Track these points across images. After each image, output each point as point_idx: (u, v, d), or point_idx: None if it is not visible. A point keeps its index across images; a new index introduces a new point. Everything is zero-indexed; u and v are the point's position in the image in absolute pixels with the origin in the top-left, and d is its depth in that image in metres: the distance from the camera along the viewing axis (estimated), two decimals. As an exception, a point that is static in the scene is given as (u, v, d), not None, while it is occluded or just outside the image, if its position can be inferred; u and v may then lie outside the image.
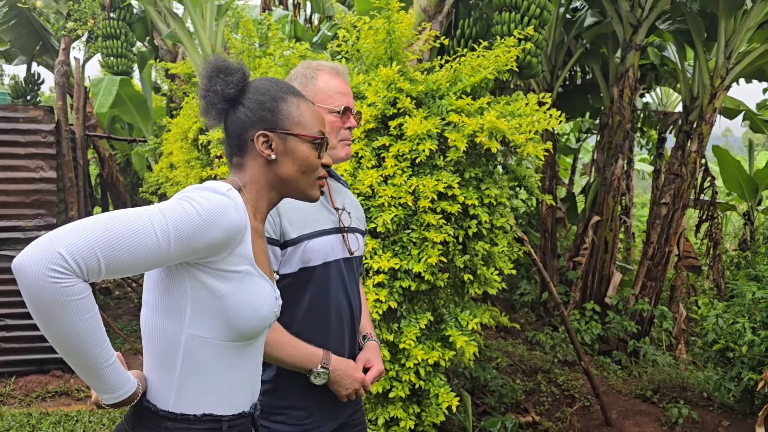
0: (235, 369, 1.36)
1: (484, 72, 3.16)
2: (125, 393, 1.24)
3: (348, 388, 1.78)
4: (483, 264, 3.03)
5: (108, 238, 1.11)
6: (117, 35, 7.39)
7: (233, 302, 1.29)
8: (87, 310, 1.11)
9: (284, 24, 6.63)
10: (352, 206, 2.00)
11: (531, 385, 4.81)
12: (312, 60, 1.92)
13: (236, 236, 1.27)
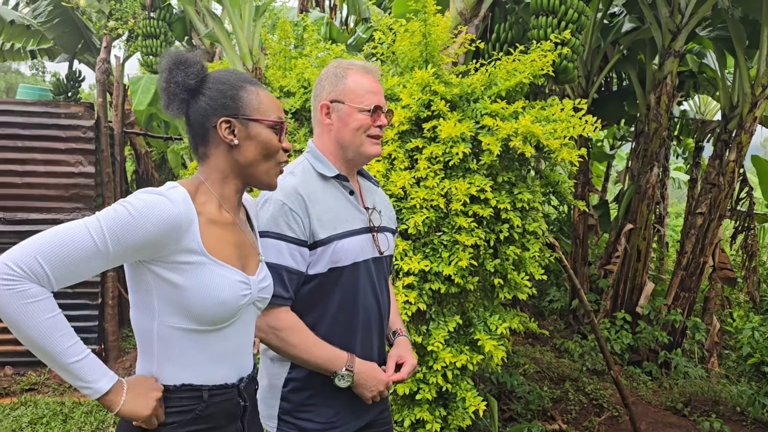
0: (211, 350, 1.44)
1: (520, 76, 3.15)
2: (101, 388, 1.30)
3: (372, 390, 1.78)
4: (514, 269, 3.01)
5: (48, 245, 1.23)
6: (156, 34, 7.54)
7: (190, 292, 1.36)
8: (46, 311, 1.23)
9: (320, 26, 6.69)
10: (383, 205, 2.00)
11: (558, 393, 4.76)
12: (343, 59, 1.92)
13: (174, 229, 1.33)
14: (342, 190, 1.85)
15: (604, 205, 8.22)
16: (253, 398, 1.60)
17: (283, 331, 1.70)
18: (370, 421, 1.92)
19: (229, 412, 1.50)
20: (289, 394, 1.80)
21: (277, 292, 1.67)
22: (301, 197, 1.73)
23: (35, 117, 5.03)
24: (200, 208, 1.43)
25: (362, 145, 1.82)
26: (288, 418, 1.81)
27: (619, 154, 11.69)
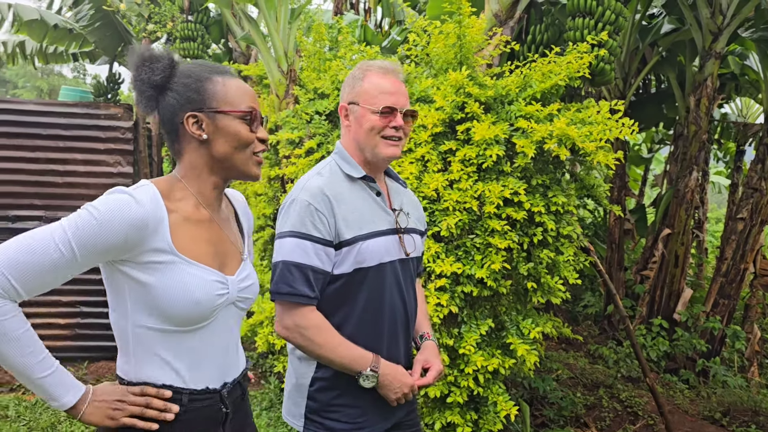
0: (188, 352, 1.42)
1: (555, 78, 3.11)
2: (67, 402, 1.31)
3: (397, 392, 1.78)
4: (547, 272, 2.98)
5: (13, 258, 1.21)
6: (194, 37, 7.66)
7: (160, 291, 1.34)
8: (17, 328, 1.24)
9: (355, 28, 6.71)
10: (412, 206, 2.00)
11: (592, 400, 4.69)
12: (368, 60, 1.91)
13: (141, 230, 1.30)
14: (369, 191, 1.85)
15: (641, 209, 8.06)
16: (238, 404, 1.57)
17: (308, 329, 1.70)
18: (397, 422, 1.91)
19: (210, 418, 1.47)
20: (315, 394, 1.81)
21: (302, 292, 1.68)
22: (327, 197, 1.73)
23: (76, 118, 5.16)
24: (173, 206, 1.40)
25: (377, 146, 1.80)
26: (315, 417, 1.82)
27: (657, 158, 11.46)
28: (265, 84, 5.52)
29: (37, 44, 9.60)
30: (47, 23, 8.67)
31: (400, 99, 1.80)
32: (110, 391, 1.38)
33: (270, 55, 4.66)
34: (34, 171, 5.05)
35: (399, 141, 1.82)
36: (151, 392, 1.39)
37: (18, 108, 5.12)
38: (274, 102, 4.59)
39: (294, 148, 3.80)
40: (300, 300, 1.69)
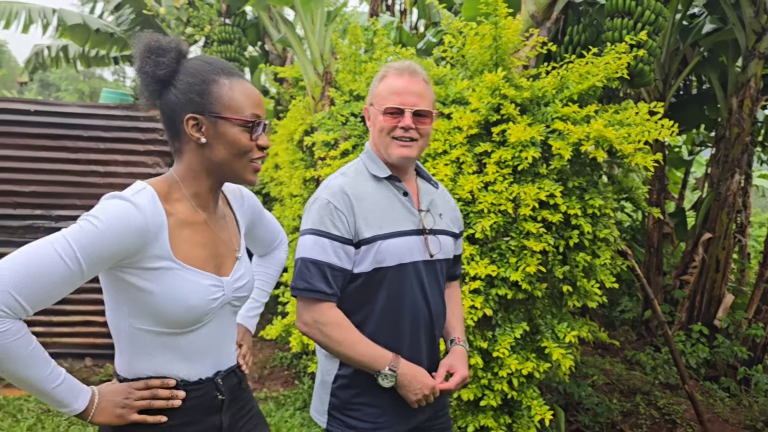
0: (183, 351, 1.43)
1: (593, 79, 3.07)
2: (77, 408, 1.34)
3: (417, 393, 1.76)
4: (583, 276, 2.93)
5: (19, 276, 1.19)
6: (231, 40, 7.77)
7: (157, 297, 1.34)
8: (26, 346, 1.24)
9: (390, 30, 6.73)
10: (447, 207, 1.98)
11: (629, 406, 4.60)
12: (392, 62, 1.91)
13: (142, 237, 1.30)
14: (395, 191, 1.85)
15: (681, 213, 7.88)
16: (235, 391, 1.58)
17: (327, 326, 1.72)
18: (422, 425, 1.90)
19: (205, 406, 1.48)
20: (337, 391, 1.83)
21: (320, 288, 1.70)
22: (347, 196, 1.75)
23: (116, 120, 5.27)
24: (171, 208, 1.39)
25: (388, 146, 1.81)
26: (336, 414, 1.83)
27: (698, 160, 11.19)
28: (301, 86, 5.57)
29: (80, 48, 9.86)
30: (89, 27, 8.90)
31: (408, 99, 1.78)
32: (115, 390, 1.40)
33: (306, 57, 4.70)
34: (76, 171, 5.18)
35: (411, 142, 1.80)
36: (156, 383, 1.41)
37: (61, 110, 5.26)
38: (310, 104, 4.63)
39: (329, 149, 3.83)
40: (317, 296, 1.71)
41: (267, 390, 4.75)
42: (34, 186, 5.13)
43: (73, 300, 5.16)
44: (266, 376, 5.06)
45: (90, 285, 5.24)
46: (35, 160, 5.13)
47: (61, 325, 5.16)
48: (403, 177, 1.87)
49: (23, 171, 5.11)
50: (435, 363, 1.92)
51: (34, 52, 10.12)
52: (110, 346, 5.22)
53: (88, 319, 5.20)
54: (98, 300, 5.17)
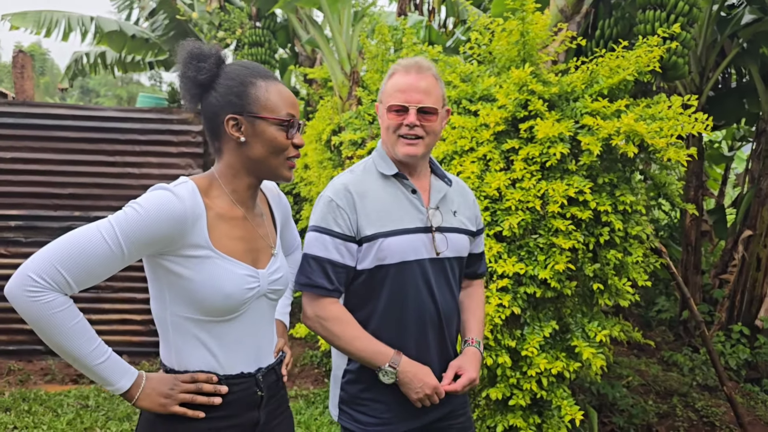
0: (223, 340, 1.48)
1: (623, 73, 3.01)
2: (122, 386, 1.40)
3: (418, 392, 1.74)
4: (615, 274, 2.87)
5: (65, 253, 1.29)
6: (261, 43, 7.87)
7: (196, 284, 1.40)
8: (71, 318, 1.31)
9: (419, 29, 6.72)
10: (463, 204, 1.95)
11: (665, 408, 4.50)
12: (401, 59, 1.90)
13: (181, 224, 1.37)
14: (402, 189, 1.84)
15: (720, 210, 7.68)
16: (273, 388, 1.62)
17: (328, 321, 1.74)
18: (439, 424, 1.88)
19: (246, 402, 1.53)
20: (346, 385, 1.85)
21: (319, 283, 1.73)
22: (350, 194, 1.76)
23: (151, 123, 5.39)
24: (210, 202, 1.46)
25: (395, 144, 1.80)
26: (346, 408, 1.85)
27: (739, 156, 10.87)
28: (329, 86, 5.60)
29: (117, 54, 10.10)
30: (126, 34, 9.10)
31: (413, 96, 1.76)
32: (162, 379, 1.46)
33: (333, 57, 4.72)
34: (113, 174, 5.31)
35: (416, 140, 1.78)
36: (201, 378, 1.46)
37: (98, 115, 5.40)
38: (338, 103, 4.65)
39: (356, 148, 3.84)
40: (318, 291, 1.74)
41: (297, 388, 4.78)
42: (72, 188, 5.28)
43: (110, 299, 5.29)
44: (296, 375, 5.09)
45: (126, 285, 5.37)
46: (74, 163, 5.28)
47: (99, 324, 5.28)
48: (412, 174, 1.86)
49: (63, 174, 5.27)
50: (448, 363, 1.89)
51: (74, 59, 10.41)
52: (146, 344, 5.36)
53: (125, 317, 5.32)
54: (134, 299, 5.29)
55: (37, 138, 5.24)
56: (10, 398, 4.40)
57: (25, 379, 4.89)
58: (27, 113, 5.28)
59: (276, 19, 8.26)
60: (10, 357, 5.24)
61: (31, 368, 5.10)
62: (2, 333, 5.23)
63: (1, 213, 5.20)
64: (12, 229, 5.21)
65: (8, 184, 5.21)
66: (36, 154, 5.24)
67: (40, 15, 9.13)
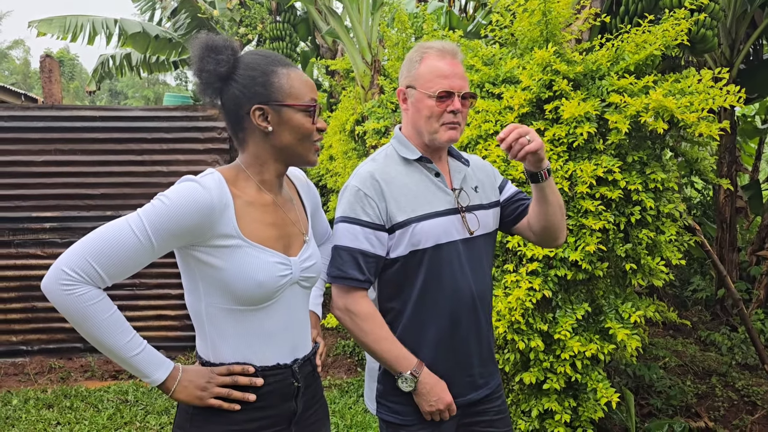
0: (258, 329, 1.48)
1: (650, 48, 2.94)
2: (158, 379, 1.42)
3: (432, 405, 1.74)
4: (647, 254, 2.82)
5: (97, 247, 1.32)
6: (282, 37, 7.89)
7: (228, 273, 1.41)
8: (104, 311, 1.34)
9: (439, 15, 6.66)
10: (481, 175, 1.93)
11: (704, 389, 4.42)
12: (426, 42, 1.86)
13: (208, 215, 1.37)
14: (426, 173, 1.81)
15: (755, 185, 7.48)
16: (309, 379, 1.62)
17: (358, 316, 1.73)
18: (476, 409, 1.87)
19: (283, 393, 1.53)
20: (383, 378, 1.83)
21: (351, 275, 1.71)
22: (377, 182, 1.74)
23: (178, 121, 5.45)
24: (238, 191, 1.46)
25: (436, 131, 1.76)
26: (383, 400, 1.83)
27: (773, 129, 10.57)
28: (351, 77, 5.59)
29: (141, 55, 10.22)
30: (149, 34, 9.21)
31: (456, 82, 1.75)
32: (198, 372, 1.47)
33: (354, 47, 4.71)
34: (142, 173, 5.39)
35: (458, 125, 1.77)
36: (237, 370, 1.46)
37: (125, 115, 5.48)
38: (360, 93, 4.64)
39: (380, 137, 3.83)
40: (349, 283, 1.72)
41: (331, 377, 4.82)
42: (104, 189, 5.37)
43: (145, 295, 5.39)
44: (330, 364, 5.13)
45: (161, 281, 5.45)
46: (104, 163, 5.38)
47: (135, 320, 5.37)
48: (434, 158, 1.84)
49: (94, 175, 5.37)
50: (488, 343, 1.88)
51: (100, 61, 10.58)
52: (182, 339, 5.45)
53: (161, 313, 5.41)
54: (169, 295, 5.38)
55: (67, 140, 5.35)
56: (52, 395, 4.52)
57: (66, 377, 5.02)
58: (56, 116, 5.39)
59: (296, 13, 8.27)
60: (51, 355, 5.38)
61: (72, 365, 5.23)
62: (43, 332, 5.37)
63: (36, 215, 5.32)
64: (47, 230, 5.34)
65: (42, 187, 5.33)
66: (67, 156, 5.34)
67: (65, 20, 9.29)
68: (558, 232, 1.87)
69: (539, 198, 1.80)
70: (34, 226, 5.33)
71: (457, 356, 1.81)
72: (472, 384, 1.85)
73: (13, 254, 5.32)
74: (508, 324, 2.72)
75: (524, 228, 1.93)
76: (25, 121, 5.32)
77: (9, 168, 5.29)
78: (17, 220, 5.31)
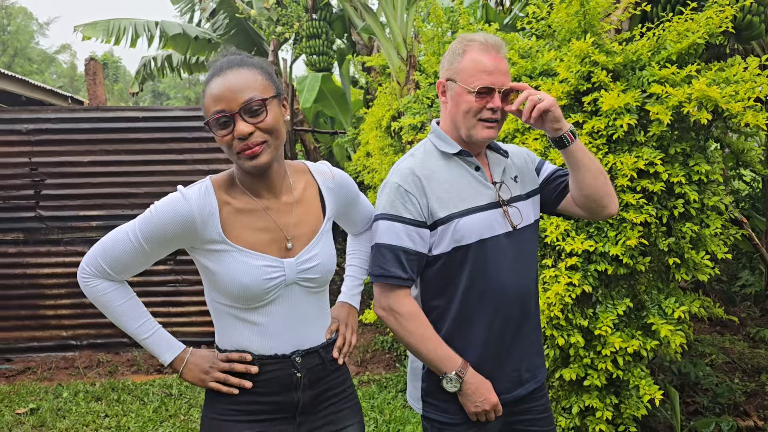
0: (256, 325, 1.56)
1: (693, 37, 2.85)
2: (165, 360, 1.60)
3: (478, 406, 1.71)
4: (691, 248, 2.75)
5: (104, 248, 1.54)
6: (319, 35, 7.93)
7: (218, 276, 1.52)
8: (116, 300, 1.56)
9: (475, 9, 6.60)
10: (520, 164, 1.88)
11: (753, 387, 4.29)
12: (469, 33, 1.80)
13: (188, 224, 1.49)
14: (466, 167, 1.78)
15: (807, 176, 7.20)
16: (317, 371, 1.63)
17: (402, 316, 1.71)
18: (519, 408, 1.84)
19: (282, 382, 1.59)
20: (427, 377, 1.81)
21: (394, 273, 1.69)
22: (417, 178, 1.71)
23: (217, 120, 5.56)
24: (228, 198, 1.54)
25: (473, 128, 1.72)
26: (430, 399, 1.81)
27: (826, 118, 10.16)
28: (387, 73, 5.59)
29: (182, 56, 10.42)
30: (189, 36, 9.38)
31: (498, 78, 1.69)
32: (204, 356, 1.62)
33: (389, 43, 4.71)
34: (183, 171, 5.50)
35: (496, 123, 1.73)
36: (234, 357, 1.58)
37: (167, 115, 5.61)
38: (396, 89, 4.64)
39: (416, 133, 3.82)
40: (393, 282, 1.70)
41: (369, 373, 4.84)
42: (147, 188, 5.50)
43: (187, 292, 5.51)
44: (368, 360, 5.16)
45: (201, 278, 5.56)
46: (147, 163, 5.51)
47: (178, 316, 5.52)
48: (473, 151, 1.80)
49: (137, 174, 5.51)
50: (530, 337, 1.84)
51: (142, 63, 10.81)
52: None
53: (202, 309, 5.52)
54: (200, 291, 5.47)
55: (111, 141, 5.50)
56: (100, 388, 4.66)
57: (114, 370, 5.17)
58: (101, 117, 5.54)
59: (332, 10, 8.31)
60: (99, 350, 5.55)
61: (119, 360, 5.38)
62: (91, 327, 5.54)
63: (83, 214, 5.49)
64: (93, 228, 5.50)
65: (88, 186, 5.49)
66: (111, 156, 5.49)
67: (108, 24, 9.53)
68: (604, 198, 1.79)
69: (573, 164, 1.75)
70: (82, 225, 5.50)
71: (504, 353, 1.78)
72: (519, 379, 1.82)
73: (62, 252, 5.50)
74: (547, 320, 2.69)
75: (569, 204, 1.87)
76: (72, 122, 5.50)
77: (58, 168, 5.47)
78: (66, 219, 5.49)
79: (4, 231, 5.47)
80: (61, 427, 4.01)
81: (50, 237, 5.49)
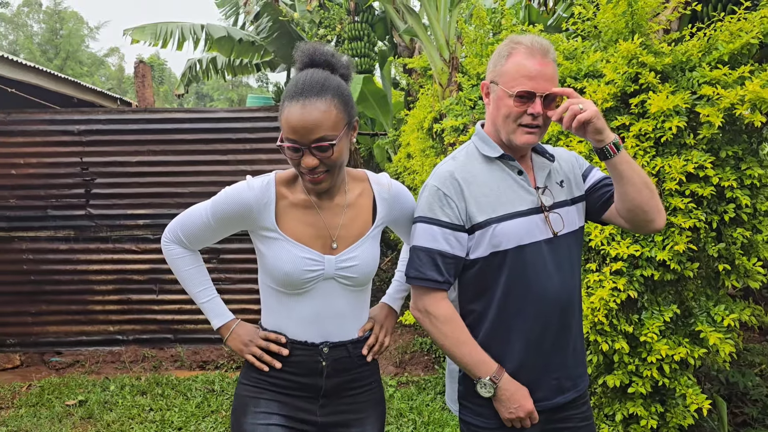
0: (292, 311, 1.72)
1: (746, 37, 2.77)
2: (215, 325, 1.83)
3: (512, 412, 1.69)
4: (742, 254, 2.67)
5: (182, 219, 1.79)
6: (360, 37, 7.98)
7: (267, 259, 1.69)
8: (185, 265, 1.82)
9: (518, 10, 6.55)
10: (566, 168, 1.84)
11: (806, 399, 4.13)
12: (518, 35, 1.76)
13: (247, 210, 1.68)
14: (508, 171, 1.75)
15: None
16: (343, 362, 1.75)
17: (438, 319, 1.71)
18: (560, 416, 1.80)
19: (309, 366, 1.73)
20: (463, 380, 1.80)
21: (430, 276, 1.69)
22: (456, 181, 1.70)
23: (259, 122, 5.63)
24: (288, 192, 1.71)
25: (513, 132, 1.69)
26: (466, 402, 1.81)
27: None
28: (429, 75, 5.59)
29: (226, 59, 10.61)
30: (233, 39, 9.54)
31: (540, 84, 1.64)
32: (248, 329, 1.81)
33: (432, 45, 4.71)
34: (227, 172, 5.60)
35: (537, 129, 1.69)
36: (272, 337, 1.74)
37: (211, 116, 5.72)
38: (438, 91, 4.63)
39: (459, 135, 3.81)
40: (428, 284, 1.70)
41: (408, 374, 4.84)
42: (192, 187, 5.62)
43: (229, 290, 5.60)
44: (407, 361, 5.16)
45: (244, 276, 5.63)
46: (192, 163, 5.63)
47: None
48: (516, 155, 1.77)
49: (182, 174, 5.64)
50: (571, 345, 1.80)
51: (188, 66, 11.06)
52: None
53: (244, 307, 5.59)
54: (252, 290, 5.56)
55: (158, 141, 5.64)
56: (145, 383, 4.78)
57: (158, 366, 5.30)
58: (149, 119, 5.69)
59: (374, 12, 8.35)
60: (144, 345, 5.69)
61: (163, 355, 5.51)
62: (137, 323, 5.69)
63: (131, 212, 5.64)
64: (141, 227, 5.65)
65: (136, 186, 5.64)
66: (158, 156, 5.63)
67: (156, 27, 9.78)
68: (649, 213, 1.71)
69: (616, 177, 1.69)
70: (129, 223, 5.65)
71: (544, 360, 1.75)
72: (559, 387, 1.78)
73: (111, 249, 5.66)
74: (591, 325, 2.65)
75: (614, 215, 1.81)
76: (120, 123, 5.65)
77: (107, 168, 5.63)
78: (114, 218, 5.65)
79: (56, 228, 5.66)
80: (108, 419, 4.13)
81: (99, 235, 5.66)
